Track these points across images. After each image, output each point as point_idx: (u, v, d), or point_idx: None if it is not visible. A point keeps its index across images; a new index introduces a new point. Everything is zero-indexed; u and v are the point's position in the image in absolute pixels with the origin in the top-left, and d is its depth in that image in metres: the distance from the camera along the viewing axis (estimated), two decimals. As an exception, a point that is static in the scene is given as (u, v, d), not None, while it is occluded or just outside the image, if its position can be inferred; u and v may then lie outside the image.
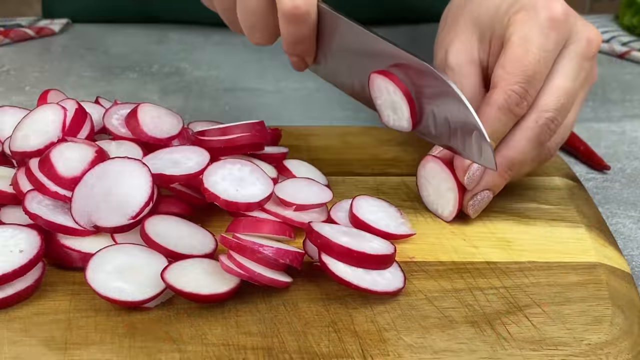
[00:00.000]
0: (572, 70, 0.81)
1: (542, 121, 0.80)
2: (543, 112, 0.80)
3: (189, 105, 1.16)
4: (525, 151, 0.80)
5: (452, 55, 0.85)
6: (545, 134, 0.80)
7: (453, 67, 0.84)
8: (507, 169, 0.80)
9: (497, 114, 0.78)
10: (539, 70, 0.79)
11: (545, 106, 0.80)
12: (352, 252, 0.71)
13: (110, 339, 0.66)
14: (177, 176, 0.77)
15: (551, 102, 0.80)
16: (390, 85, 0.80)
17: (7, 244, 0.70)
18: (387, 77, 0.80)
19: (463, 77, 0.84)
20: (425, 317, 0.69)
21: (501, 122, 0.79)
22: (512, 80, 0.78)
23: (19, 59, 1.31)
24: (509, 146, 0.80)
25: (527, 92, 0.78)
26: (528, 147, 0.80)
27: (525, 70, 0.78)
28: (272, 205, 0.80)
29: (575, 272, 0.75)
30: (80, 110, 0.82)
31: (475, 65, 0.84)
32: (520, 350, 0.66)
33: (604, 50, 1.40)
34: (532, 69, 0.78)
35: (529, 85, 0.78)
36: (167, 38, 1.42)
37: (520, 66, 0.78)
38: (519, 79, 0.78)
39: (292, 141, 0.98)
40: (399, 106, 0.80)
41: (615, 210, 0.93)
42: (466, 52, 0.84)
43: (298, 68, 0.89)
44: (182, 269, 0.69)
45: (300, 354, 0.64)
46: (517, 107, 0.78)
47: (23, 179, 0.76)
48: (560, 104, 0.80)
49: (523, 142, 0.80)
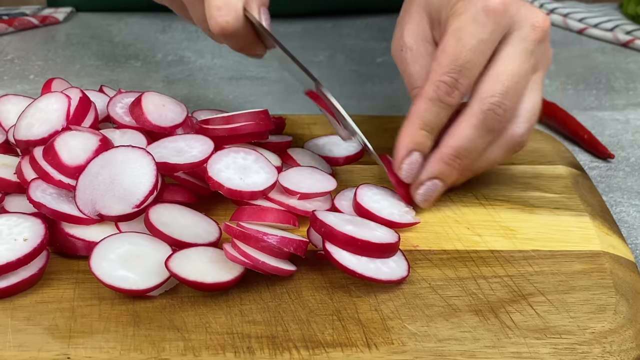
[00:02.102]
0: (517, 55, 0.80)
1: (487, 106, 0.78)
2: (487, 98, 0.79)
3: (193, 93, 1.16)
4: (471, 138, 0.79)
5: (407, 36, 0.85)
6: (493, 120, 0.79)
7: (410, 46, 0.84)
8: (454, 158, 0.80)
9: (428, 105, 0.79)
10: (470, 59, 0.78)
11: (489, 92, 0.79)
12: (356, 240, 0.71)
13: (114, 327, 0.66)
14: (181, 165, 0.77)
15: (495, 87, 0.79)
16: (318, 105, 0.83)
17: (11, 232, 0.70)
18: (313, 98, 0.83)
19: (421, 55, 0.84)
20: (429, 305, 0.69)
21: (433, 113, 0.79)
22: (441, 71, 0.78)
23: (23, 48, 1.31)
24: (454, 135, 0.80)
25: (457, 81, 0.78)
26: (474, 134, 0.79)
27: (454, 60, 0.78)
28: (276, 194, 0.80)
29: (579, 261, 0.75)
30: (85, 99, 0.82)
31: (430, 44, 0.84)
32: (524, 338, 0.66)
33: (608, 39, 1.40)
34: (462, 58, 0.78)
35: (460, 75, 0.78)
36: (171, 27, 1.42)
37: (450, 56, 0.78)
38: (447, 69, 0.78)
39: (296, 130, 0.98)
40: (332, 121, 0.84)
41: (619, 198, 0.93)
42: (419, 33, 0.85)
43: (255, 58, 0.91)
44: (186, 257, 0.69)
45: (304, 342, 0.65)
46: (448, 97, 0.78)
47: (27, 168, 0.76)
48: (505, 88, 0.79)
49: (468, 130, 0.79)
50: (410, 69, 0.84)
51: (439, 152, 0.80)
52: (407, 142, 0.80)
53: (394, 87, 1.20)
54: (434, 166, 0.80)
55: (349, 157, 0.90)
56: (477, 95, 0.79)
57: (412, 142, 0.80)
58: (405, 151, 0.81)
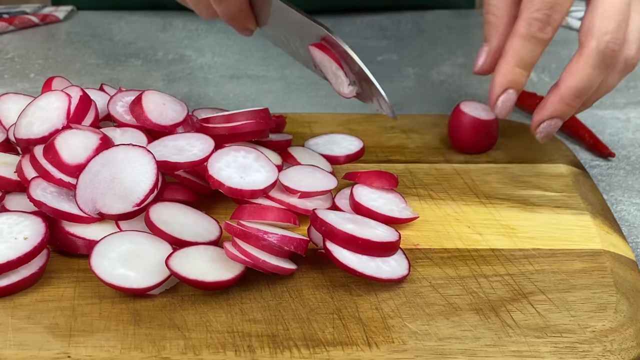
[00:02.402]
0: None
1: (603, 45, 0.79)
2: (602, 36, 0.79)
3: (193, 92, 1.16)
4: (590, 79, 0.80)
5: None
6: (610, 57, 0.80)
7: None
8: (574, 97, 0.81)
9: (522, 42, 0.80)
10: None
11: (602, 29, 0.79)
12: (357, 239, 0.71)
13: (114, 326, 0.66)
14: (182, 163, 0.77)
15: (608, 24, 0.79)
16: (326, 56, 0.84)
17: (11, 231, 0.70)
18: (322, 50, 0.84)
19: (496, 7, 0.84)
20: (430, 304, 0.69)
21: (527, 49, 0.80)
22: (533, 8, 0.79)
23: (23, 46, 1.31)
24: (573, 75, 0.80)
25: (549, 16, 0.79)
26: (593, 74, 0.80)
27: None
28: (276, 193, 0.80)
29: (580, 260, 0.75)
30: (85, 98, 0.82)
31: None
32: (524, 337, 0.66)
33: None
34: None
35: (552, 10, 0.79)
36: (172, 25, 1.42)
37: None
38: (540, 6, 0.79)
39: (297, 128, 0.98)
40: (338, 74, 0.85)
41: (619, 197, 0.93)
42: None
43: (244, 34, 0.93)
44: (186, 256, 0.69)
45: (305, 341, 0.65)
46: (542, 33, 0.79)
47: (28, 166, 0.76)
48: (617, 23, 0.79)
49: (587, 70, 0.80)
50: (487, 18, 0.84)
51: (560, 93, 0.81)
52: (503, 79, 0.81)
53: (395, 85, 1.20)
54: (556, 106, 0.82)
55: (350, 156, 0.90)
56: (591, 34, 0.80)
57: (508, 80, 0.81)
58: (500, 88, 0.81)
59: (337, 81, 0.86)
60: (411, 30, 1.42)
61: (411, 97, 1.16)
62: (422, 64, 1.29)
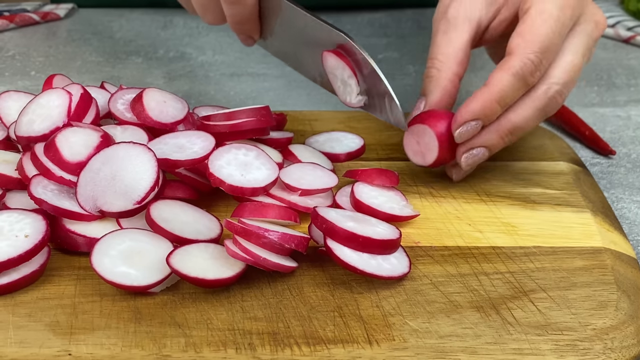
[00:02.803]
0: (581, 48, 0.83)
1: (551, 93, 0.81)
2: (553, 84, 0.81)
3: (194, 90, 1.16)
4: (530, 119, 0.82)
5: (453, 8, 0.86)
6: (552, 106, 0.82)
7: (449, 18, 0.86)
8: (509, 133, 0.82)
9: (512, 79, 0.79)
10: (554, 43, 0.80)
11: (556, 78, 0.81)
12: (358, 237, 0.71)
13: (115, 323, 0.66)
14: (183, 161, 0.77)
15: (562, 75, 0.81)
16: (340, 63, 0.84)
17: (12, 228, 0.70)
18: (339, 56, 0.84)
19: (453, 30, 0.85)
20: (431, 302, 0.69)
21: (513, 88, 0.80)
22: (530, 49, 0.79)
23: (24, 44, 1.31)
24: (517, 113, 0.82)
25: (541, 62, 0.80)
26: (534, 116, 0.82)
27: (542, 41, 0.79)
28: (277, 190, 0.80)
29: (581, 257, 0.75)
30: (86, 95, 0.82)
31: (470, 23, 0.85)
32: (525, 335, 0.66)
33: (609, 35, 1.40)
34: (548, 40, 0.79)
35: (544, 56, 0.80)
36: (172, 23, 1.42)
37: (538, 36, 0.79)
38: (536, 49, 0.79)
39: (297, 126, 0.98)
40: (349, 82, 0.85)
41: (620, 195, 0.93)
42: (468, 9, 0.86)
43: (246, 44, 0.94)
44: (187, 253, 0.69)
45: (306, 338, 0.65)
46: (531, 76, 0.80)
47: (28, 164, 0.76)
48: (570, 78, 0.82)
49: (530, 111, 0.82)
50: (438, 39, 0.85)
51: (498, 125, 0.82)
52: (477, 109, 0.80)
53: (396, 83, 1.20)
54: (490, 137, 0.82)
55: (351, 154, 0.90)
56: (547, 80, 0.81)
57: (481, 112, 0.80)
58: (470, 116, 0.81)
59: (345, 90, 0.86)
60: (412, 28, 1.42)
61: (412, 94, 1.16)
62: (423, 62, 1.28)
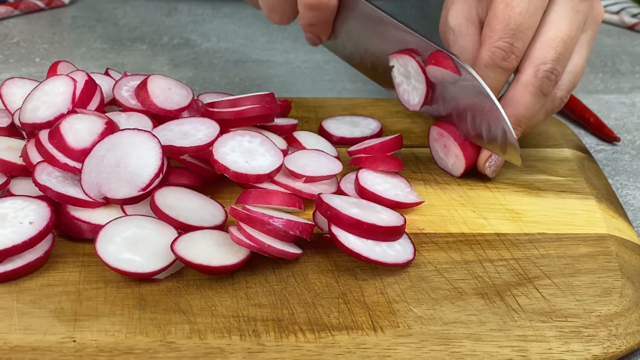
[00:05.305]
0: (566, 17, 0.81)
1: (541, 74, 0.80)
2: (541, 65, 0.80)
3: (198, 76, 1.16)
4: (529, 106, 0.81)
5: (452, 17, 0.85)
6: (547, 86, 0.81)
7: (453, 27, 0.85)
8: (516, 126, 0.81)
9: (485, 71, 0.80)
10: (523, 22, 0.79)
11: (542, 58, 0.80)
12: (362, 223, 0.71)
13: (120, 310, 0.66)
14: (187, 148, 0.77)
15: (548, 54, 0.80)
16: (414, 65, 0.83)
17: (17, 215, 0.70)
18: (413, 58, 0.83)
19: (462, 37, 0.84)
20: (435, 288, 0.69)
21: (490, 78, 0.80)
22: (496, 37, 0.79)
23: (28, 31, 1.31)
24: (513, 103, 0.81)
25: (512, 45, 0.79)
26: (532, 101, 0.81)
27: (507, 25, 0.79)
28: (281, 177, 0.80)
29: (585, 244, 0.75)
30: (90, 82, 0.82)
31: (473, 24, 0.85)
32: (530, 321, 0.66)
33: (614, 21, 1.39)
34: (514, 22, 0.78)
35: (515, 39, 0.79)
36: (177, 10, 1.41)
37: (503, 21, 0.79)
38: (502, 34, 0.79)
39: (302, 113, 0.98)
40: (418, 86, 0.84)
41: (625, 181, 0.92)
42: (464, 12, 0.85)
43: (312, 44, 0.93)
44: (191, 240, 0.69)
45: (310, 325, 0.65)
46: (505, 62, 0.79)
47: (33, 151, 0.76)
48: (557, 54, 0.80)
49: (526, 98, 0.81)
50: (452, 51, 0.84)
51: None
52: None
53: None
54: None
55: (344, 139, 0.91)
56: (530, 62, 0.80)
57: None
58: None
59: (410, 93, 0.86)
60: (415, 16, 1.41)
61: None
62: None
